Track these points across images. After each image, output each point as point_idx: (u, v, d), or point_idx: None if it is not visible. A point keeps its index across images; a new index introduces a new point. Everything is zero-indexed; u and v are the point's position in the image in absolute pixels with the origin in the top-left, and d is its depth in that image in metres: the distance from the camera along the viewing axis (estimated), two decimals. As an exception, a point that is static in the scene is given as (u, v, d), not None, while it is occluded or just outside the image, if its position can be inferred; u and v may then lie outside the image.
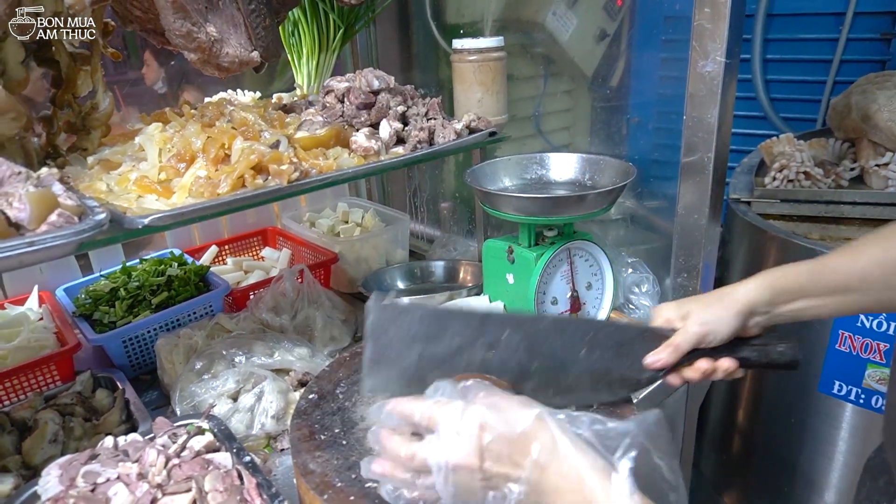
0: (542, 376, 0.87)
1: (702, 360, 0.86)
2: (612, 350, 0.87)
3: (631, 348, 0.88)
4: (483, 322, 0.85)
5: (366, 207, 1.92)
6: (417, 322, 0.84)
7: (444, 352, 0.84)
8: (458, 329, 0.85)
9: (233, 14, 1.18)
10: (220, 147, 1.03)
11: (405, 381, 0.84)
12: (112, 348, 1.31)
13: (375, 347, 0.83)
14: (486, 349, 0.85)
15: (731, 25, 1.03)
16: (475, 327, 0.85)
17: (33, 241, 0.78)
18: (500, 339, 0.85)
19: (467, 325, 0.85)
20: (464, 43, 1.40)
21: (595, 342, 0.86)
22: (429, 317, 0.85)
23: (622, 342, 0.88)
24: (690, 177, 1.18)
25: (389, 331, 0.83)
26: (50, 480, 0.90)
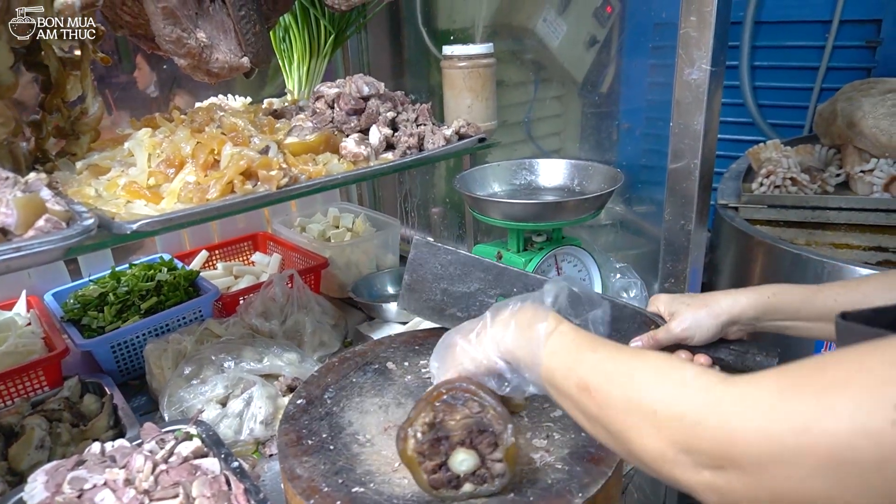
0: None
1: (681, 351, 0.95)
2: (606, 322, 0.97)
3: (621, 326, 1.00)
4: (500, 274, 1.05)
5: (356, 212, 1.92)
6: (447, 263, 1.06)
7: (463, 291, 1.07)
8: (479, 276, 1.05)
9: (223, 20, 1.19)
10: (210, 152, 1.04)
11: (429, 309, 1.09)
12: (100, 353, 1.30)
13: (411, 277, 1.08)
14: (496, 297, 1.05)
15: (716, 34, 1.04)
16: (493, 277, 1.05)
17: (20, 247, 0.78)
18: (511, 291, 1.04)
19: (487, 274, 1.05)
20: (454, 49, 1.41)
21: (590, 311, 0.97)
22: (456, 261, 1.06)
23: (615, 318, 0.98)
24: (677, 183, 1.19)
25: (424, 266, 1.07)
26: (36, 486, 0.90)
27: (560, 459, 0.86)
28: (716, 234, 1.73)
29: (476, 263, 1.05)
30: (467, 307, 1.06)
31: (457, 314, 1.07)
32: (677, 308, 0.94)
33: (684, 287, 1.26)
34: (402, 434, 0.80)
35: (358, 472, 0.86)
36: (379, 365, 1.10)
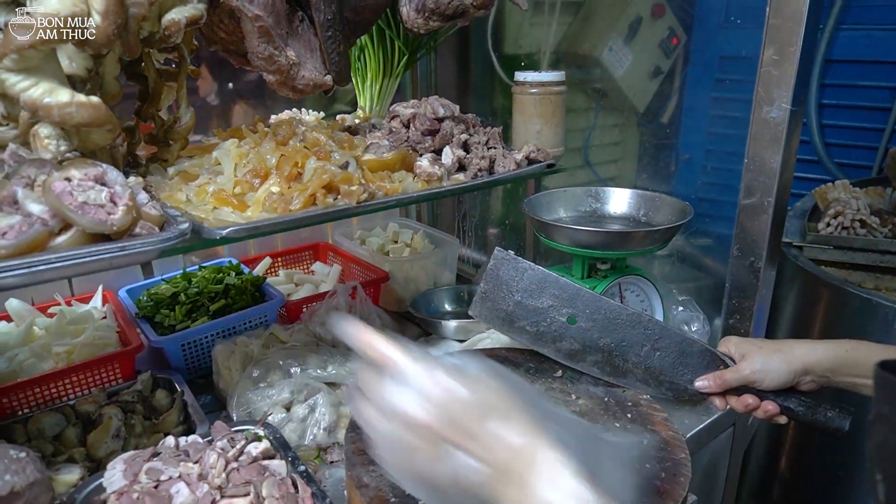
0: (605, 353, 1.06)
1: (748, 395, 0.94)
2: (672, 357, 1.01)
3: (689, 361, 1.00)
4: (575, 295, 1.06)
5: (415, 228, 1.95)
6: (523, 277, 1.07)
7: (536, 306, 1.07)
8: (553, 293, 1.06)
9: (310, 39, 1.24)
10: (294, 165, 1.08)
11: (500, 319, 1.10)
12: (171, 351, 1.36)
13: (487, 286, 1.10)
14: (568, 315, 1.06)
15: (798, 73, 1.05)
16: (567, 297, 1.06)
17: (125, 246, 0.83)
18: (583, 313, 1.05)
19: (562, 293, 1.06)
20: (526, 76, 1.44)
21: (658, 344, 1.01)
22: (533, 276, 1.07)
23: (683, 353, 1.00)
24: (748, 219, 1.18)
25: (502, 276, 1.08)
26: (115, 474, 0.94)
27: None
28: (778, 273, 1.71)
29: (552, 281, 1.06)
30: (537, 322, 1.08)
31: (526, 327, 1.09)
32: (748, 350, 0.93)
33: (749, 325, 1.24)
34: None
35: (422, 485, 0.88)
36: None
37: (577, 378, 1.11)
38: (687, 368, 1.00)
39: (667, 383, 1.03)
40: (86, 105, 0.90)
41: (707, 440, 1.25)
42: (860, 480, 1.48)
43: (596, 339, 1.05)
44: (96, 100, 0.91)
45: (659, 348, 1.01)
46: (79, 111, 0.89)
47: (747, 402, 0.94)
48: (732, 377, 0.93)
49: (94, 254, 0.80)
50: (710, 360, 0.99)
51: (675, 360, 1.00)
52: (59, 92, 0.88)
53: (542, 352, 1.11)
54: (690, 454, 0.94)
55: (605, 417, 1.01)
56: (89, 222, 0.81)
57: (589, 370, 1.08)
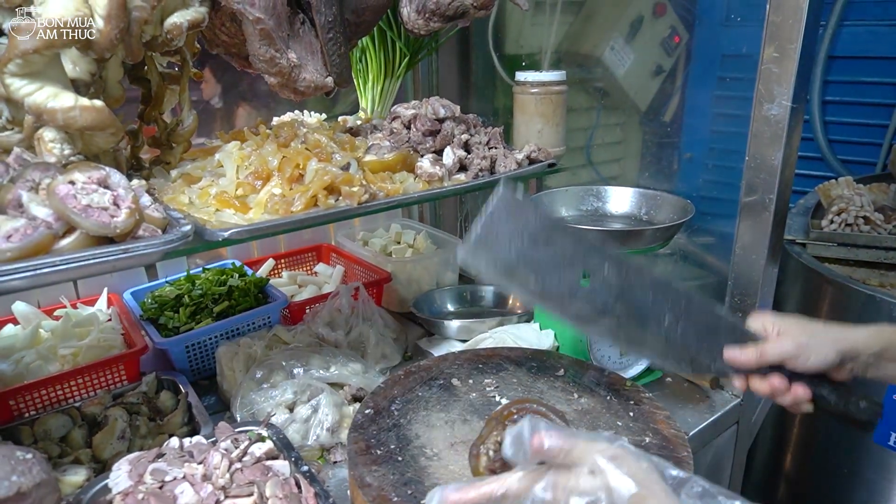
0: (620, 320, 0.89)
1: (776, 376, 0.84)
2: (696, 329, 0.88)
3: (715, 336, 0.88)
4: (590, 249, 0.88)
5: (418, 229, 1.96)
6: (532, 221, 0.87)
7: (543, 259, 0.87)
8: (567, 244, 0.88)
9: (311, 41, 1.25)
10: (296, 167, 1.09)
11: (497, 269, 0.88)
12: (175, 352, 1.36)
13: (485, 227, 0.87)
14: (581, 274, 0.88)
15: (799, 70, 1.05)
16: (582, 251, 0.88)
17: (128, 248, 0.84)
18: (599, 272, 0.88)
19: (577, 244, 0.88)
20: (527, 75, 1.44)
21: (683, 315, 0.88)
22: (544, 221, 0.87)
23: (710, 327, 0.88)
24: (750, 217, 1.18)
25: (504, 219, 0.86)
26: (120, 475, 0.95)
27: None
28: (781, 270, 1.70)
29: (566, 230, 0.89)
30: (543, 278, 0.88)
31: (530, 283, 0.88)
32: (788, 326, 0.84)
33: (752, 323, 1.24)
34: (474, 451, 0.83)
35: (426, 485, 0.88)
36: (444, 381, 1.12)
37: (579, 377, 1.11)
38: (712, 345, 0.88)
39: (687, 360, 0.90)
40: (89, 109, 0.90)
41: (710, 438, 1.25)
42: (866, 478, 1.48)
43: (612, 304, 0.88)
44: (99, 103, 0.92)
45: (682, 319, 0.88)
46: (82, 115, 0.90)
47: (775, 384, 0.83)
48: (772, 350, 0.82)
49: (97, 256, 0.81)
50: (738, 338, 0.88)
51: (700, 335, 0.88)
52: (63, 96, 0.89)
53: (546, 309, 0.94)
54: (693, 452, 0.94)
55: (607, 416, 1.01)
56: (93, 225, 0.82)
57: (600, 335, 0.94)
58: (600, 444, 0.62)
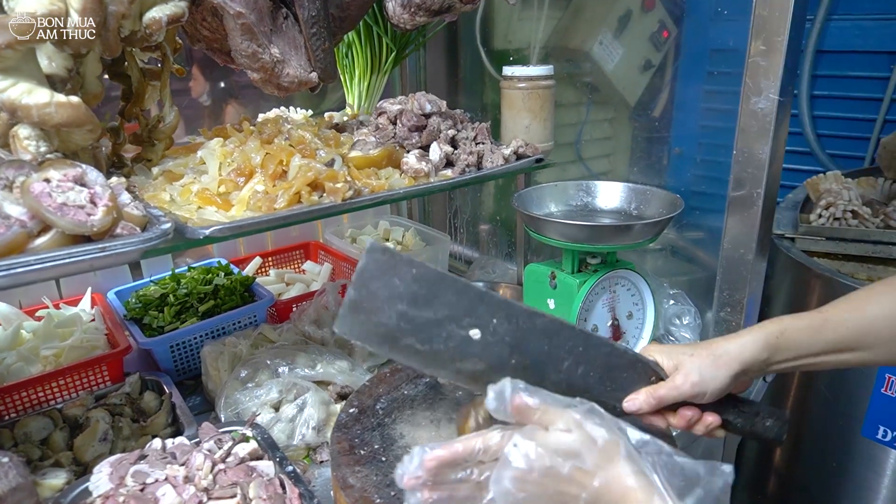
0: (518, 374, 0.81)
1: (687, 408, 0.82)
2: (597, 371, 0.83)
3: (618, 376, 0.84)
4: (476, 301, 0.80)
5: (406, 226, 1.95)
6: (410, 280, 0.79)
7: (427, 318, 0.80)
8: (450, 300, 0.80)
9: (294, 36, 1.23)
10: (279, 163, 1.07)
11: (379, 336, 0.80)
12: (160, 352, 1.35)
13: (359, 293, 0.78)
14: (471, 329, 0.80)
15: (786, 63, 1.04)
16: (467, 303, 0.80)
17: (105, 247, 0.82)
18: (489, 324, 0.81)
19: (460, 298, 0.80)
20: (514, 70, 1.43)
21: (582, 358, 0.83)
22: (423, 278, 0.79)
23: (610, 367, 0.83)
24: (738, 211, 1.17)
25: (379, 279, 0.78)
26: (101, 478, 0.93)
27: None
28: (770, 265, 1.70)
29: (448, 283, 0.80)
30: (430, 339, 0.80)
31: (416, 346, 0.80)
32: (680, 360, 0.82)
33: (741, 317, 1.24)
34: (464, 411, 0.81)
35: (410, 485, 0.87)
36: (430, 379, 1.11)
37: None
38: (615, 384, 0.84)
39: (595, 402, 0.80)
40: (65, 105, 0.89)
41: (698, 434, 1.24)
42: (854, 472, 1.48)
43: (506, 356, 0.82)
44: (76, 100, 0.90)
45: (582, 362, 0.83)
46: (58, 111, 0.88)
47: (687, 416, 0.82)
48: (668, 393, 0.80)
49: (73, 255, 0.79)
50: (641, 373, 0.84)
51: (602, 375, 0.84)
52: (38, 92, 0.87)
53: (436, 376, 0.88)
54: (683, 448, 0.93)
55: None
56: (68, 224, 0.80)
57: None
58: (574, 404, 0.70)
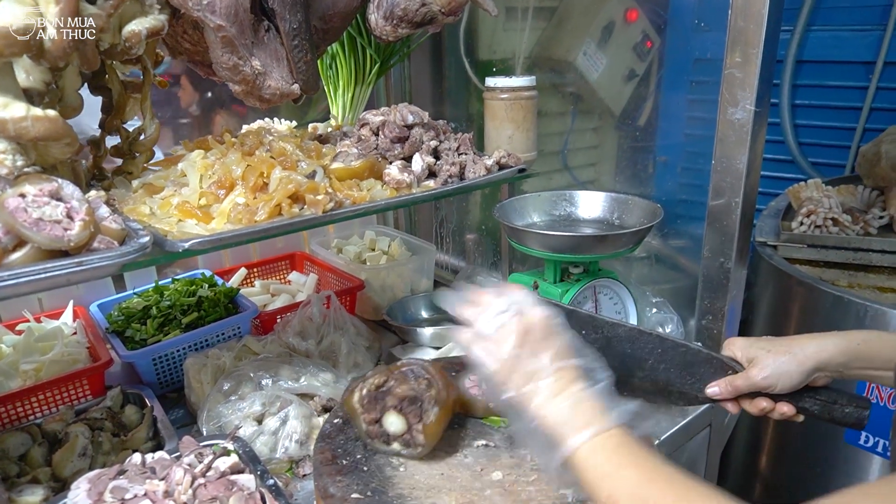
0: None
1: (761, 399, 0.90)
2: (676, 368, 0.96)
3: (696, 370, 0.96)
4: (569, 316, 0.94)
5: (392, 236, 1.95)
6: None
7: None
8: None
9: (276, 48, 1.23)
10: (259, 175, 1.07)
11: None
12: (142, 365, 1.34)
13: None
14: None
15: (761, 75, 1.05)
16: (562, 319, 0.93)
17: (82, 261, 0.82)
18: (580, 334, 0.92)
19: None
20: (496, 81, 1.44)
21: (661, 357, 0.96)
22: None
23: (688, 363, 0.96)
24: (717, 220, 1.19)
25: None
26: (79, 494, 0.92)
27: None
28: (753, 272, 1.71)
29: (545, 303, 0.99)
30: None
31: None
32: (756, 354, 0.89)
33: (722, 325, 1.25)
34: (351, 386, 0.97)
35: (390, 496, 0.87)
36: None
37: None
38: (694, 377, 0.96)
39: (676, 394, 0.99)
40: (42, 119, 0.88)
41: (683, 441, 1.25)
42: (838, 478, 1.49)
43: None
44: (53, 113, 0.90)
45: (662, 360, 0.97)
46: (34, 125, 0.87)
47: (761, 406, 0.91)
48: (743, 384, 0.89)
49: (49, 270, 0.79)
50: (717, 367, 0.95)
51: (682, 371, 0.96)
52: (14, 106, 0.86)
53: None
54: (668, 455, 0.94)
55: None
56: (44, 239, 0.80)
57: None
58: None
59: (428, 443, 0.92)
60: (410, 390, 0.95)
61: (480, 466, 0.93)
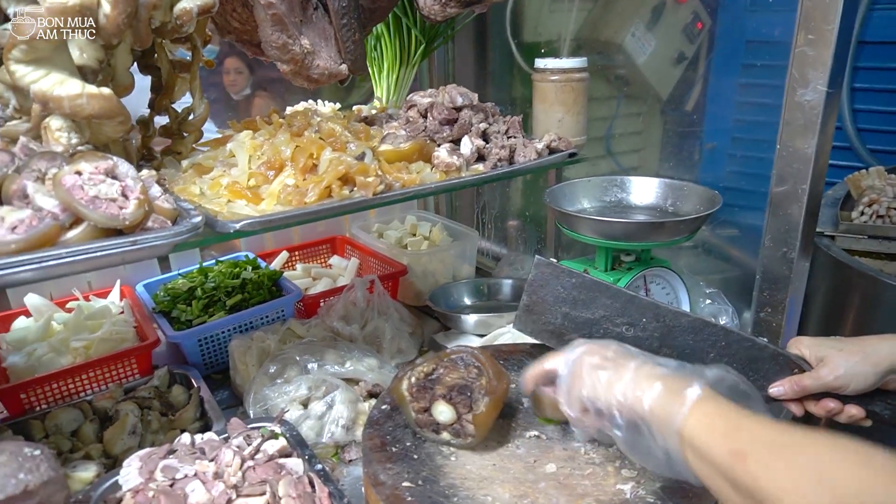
0: None
1: (829, 400, 0.87)
2: (740, 362, 0.93)
3: (760, 367, 0.93)
4: (628, 303, 0.97)
5: (434, 221, 1.92)
6: (570, 287, 0.99)
7: (587, 318, 1.00)
8: (605, 302, 0.98)
9: (325, 28, 1.22)
10: (309, 157, 1.06)
11: (548, 332, 1.03)
12: (188, 346, 1.34)
13: (530, 299, 1.02)
14: (623, 326, 0.98)
15: (836, 53, 0.99)
16: (620, 305, 0.98)
17: (136, 240, 0.81)
18: (640, 322, 0.97)
19: (614, 301, 0.98)
20: (547, 62, 1.40)
21: (725, 351, 0.94)
22: (581, 284, 0.99)
23: (752, 359, 0.93)
24: (781, 208, 1.13)
25: (545, 287, 1.01)
26: (131, 472, 0.92)
27: (652, 493, 0.83)
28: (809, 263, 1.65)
29: (603, 289, 0.98)
30: (590, 334, 1.00)
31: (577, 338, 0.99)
32: (827, 353, 0.86)
33: (782, 318, 1.19)
34: (400, 373, 0.95)
35: (442, 485, 0.85)
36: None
37: None
38: (758, 374, 0.93)
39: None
40: (97, 96, 0.88)
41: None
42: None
43: (656, 350, 0.96)
44: (107, 91, 0.89)
45: (725, 354, 0.94)
46: (90, 103, 0.87)
47: (829, 407, 0.87)
48: (812, 384, 0.86)
49: (105, 248, 0.78)
50: (782, 365, 0.91)
51: (745, 366, 0.93)
52: (70, 83, 0.86)
53: None
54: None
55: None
56: (100, 217, 0.79)
57: None
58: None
59: (478, 433, 0.90)
60: (460, 379, 0.93)
61: (533, 458, 0.90)
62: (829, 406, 0.87)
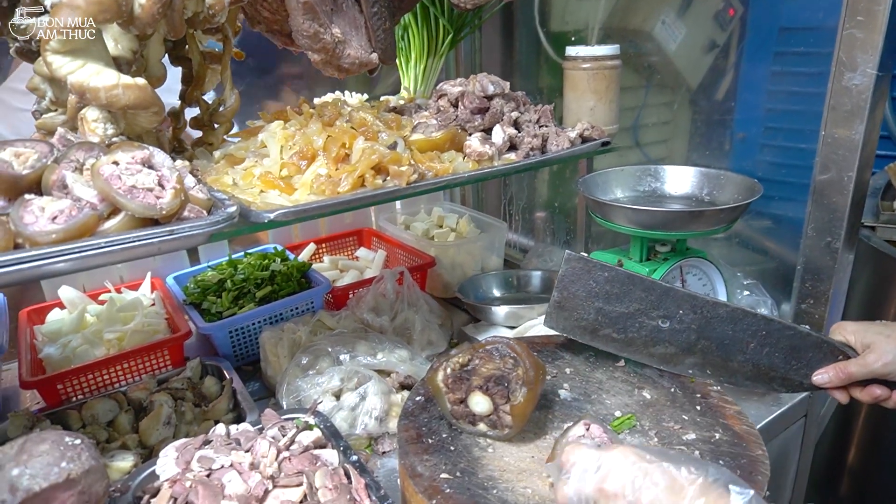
0: (705, 356, 0.97)
1: (875, 386, 0.86)
2: (782, 352, 0.93)
3: (803, 355, 0.91)
4: (663, 295, 0.96)
5: (461, 213, 1.91)
6: (603, 282, 0.98)
7: (621, 311, 0.98)
8: (639, 295, 0.96)
9: (355, 16, 1.20)
10: (341, 146, 1.05)
11: (580, 328, 1.01)
12: (219, 338, 1.35)
13: (561, 294, 1.00)
14: (659, 319, 0.97)
15: (887, 35, 0.96)
16: (655, 298, 0.96)
17: (173, 230, 0.81)
18: (675, 314, 0.95)
19: (648, 294, 0.96)
20: (578, 50, 1.37)
21: (766, 340, 0.93)
22: (614, 278, 0.97)
23: (795, 347, 0.92)
24: (825, 197, 1.10)
25: (577, 282, 0.99)
26: (167, 462, 0.93)
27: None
28: (847, 255, 1.60)
29: (637, 282, 0.96)
30: (625, 328, 0.99)
31: (612, 335, 1.00)
32: (873, 339, 0.84)
33: (824, 310, 1.16)
34: (436, 364, 0.94)
35: (480, 477, 0.84)
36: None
37: (641, 367, 1.05)
38: (801, 362, 0.91)
39: (779, 379, 0.94)
40: (132, 87, 0.88)
41: (777, 432, 1.18)
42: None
43: (693, 341, 0.96)
44: (142, 81, 0.89)
45: (766, 343, 0.92)
46: (125, 93, 0.87)
47: (875, 394, 0.86)
48: (858, 371, 0.85)
49: (142, 238, 0.78)
50: (826, 352, 0.90)
51: (787, 355, 0.91)
52: (106, 73, 0.86)
53: (633, 358, 1.03)
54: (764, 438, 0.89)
55: (672, 410, 0.95)
56: (138, 206, 0.79)
57: (693, 372, 1.00)
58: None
59: (516, 424, 0.89)
60: (496, 370, 0.91)
61: (572, 451, 0.88)
62: (875, 393, 0.85)
